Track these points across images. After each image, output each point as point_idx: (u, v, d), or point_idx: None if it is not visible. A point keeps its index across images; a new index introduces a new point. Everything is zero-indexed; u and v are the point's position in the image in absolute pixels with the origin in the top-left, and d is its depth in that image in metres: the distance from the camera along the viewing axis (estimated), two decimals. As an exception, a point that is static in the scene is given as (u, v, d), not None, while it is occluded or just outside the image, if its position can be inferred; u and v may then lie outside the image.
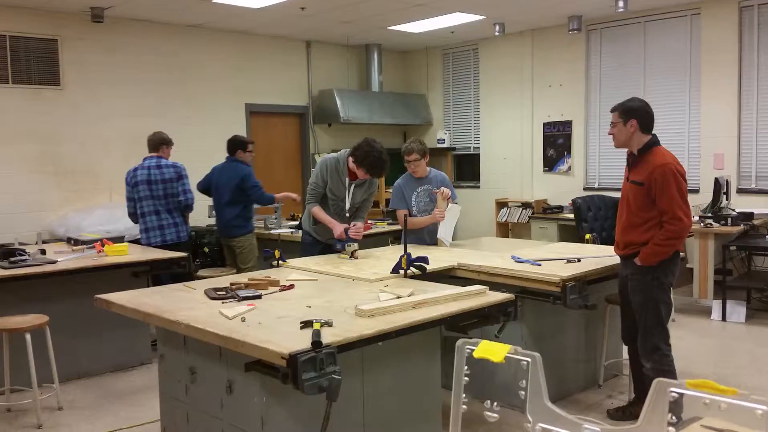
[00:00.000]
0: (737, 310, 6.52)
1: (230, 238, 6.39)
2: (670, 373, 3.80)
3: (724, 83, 7.79)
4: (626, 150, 3.99)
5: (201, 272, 6.54)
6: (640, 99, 3.96)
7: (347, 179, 4.87)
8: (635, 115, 3.82)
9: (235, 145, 6.48)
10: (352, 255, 4.58)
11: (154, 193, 5.88)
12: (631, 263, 3.87)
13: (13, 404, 4.51)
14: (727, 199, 7.08)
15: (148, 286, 4.77)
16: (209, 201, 7.52)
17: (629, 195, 3.88)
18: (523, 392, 1.59)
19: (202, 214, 7.63)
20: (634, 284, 3.87)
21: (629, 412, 4.14)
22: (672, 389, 1.36)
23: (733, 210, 6.97)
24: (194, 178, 6.96)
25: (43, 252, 5.25)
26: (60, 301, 4.93)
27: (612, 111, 3.96)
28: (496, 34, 9.02)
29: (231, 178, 6.31)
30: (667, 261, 3.79)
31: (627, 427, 1.46)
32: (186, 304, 3.27)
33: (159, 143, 6.07)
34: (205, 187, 6.71)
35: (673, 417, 1.36)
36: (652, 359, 3.83)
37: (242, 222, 6.38)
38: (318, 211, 4.91)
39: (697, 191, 8.02)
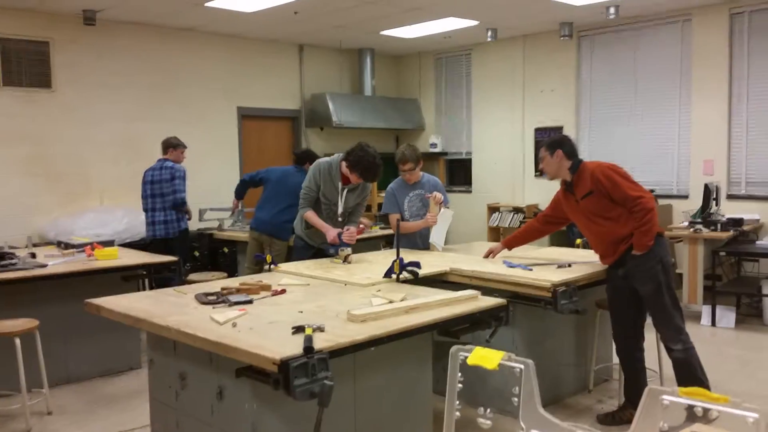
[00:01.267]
0: (727, 316, 6.55)
1: (271, 238, 6.23)
2: (695, 349, 3.95)
3: (714, 89, 7.84)
4: (559, 182, 4.32)
5: (191, 276, 6.51)
6: (563, 134, 4.31)
7: (340, 184, 4.87)
8: (559, 146, 4.16)
9: (307, 157, 6.42)
10: (346, 259, 4.58)
11: (154, 192, 6.61)
12: (630, 258, 3.95)
13: (1, 409, 4.48)
14: (716, 205, 7.11)
15: (140, 290, 4.75)
16: (201, 204, 7.53)
17: (588, 212, 4.08)
18: (516, 399, 1.59)
19: (193, 217, 7.61)
20: (642, 275, 3.93)
21: (619, 417, 4.16)
22: (664, 396, 1.36)
23: (723, 216, 7.00)
24: (189, 183, 6.95)
25: (33, 256, 5.21)
26: (50, 306, 4.90)
27: (540, 148, 4.34)
28: (489, 39, 9.05)
29: (298, 185, 6.28)
30: (658, 241, 3.94)
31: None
32: (176, 309, 3.25)
33: (166, 146, 6.76)
34: (252, 181, 6.62)
35: (665, 424, 1.36)
36: (680, 340, 3.92)
37: (290, 227, 6.36)
38: (311, 215, 4.90)
39: (686, 197, 8.08)
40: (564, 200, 4.29)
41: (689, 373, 3.89)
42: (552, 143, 4.20)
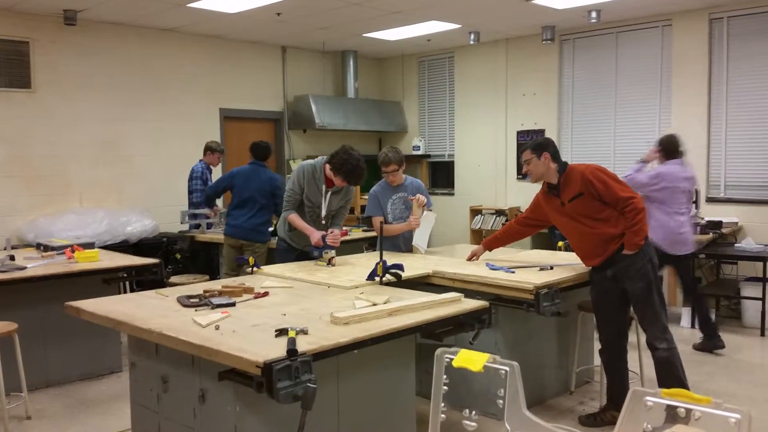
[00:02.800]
0: (706, 317, 6.61)
1: (250, 242, 6.16)
2: (677, 349, 4.00)
3: (694, 93, 7.93)
4: (541, 185, 4.32)
5: (173, 279, 6.47)
6: (546, 137, 4.25)
7: (324, 186, 4.86)
8: (546, 148, 4.16)
9: (266, 151, 6.37)
10: (330, 262, 4.57)
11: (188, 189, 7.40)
12: (620, 258, 3.97)
13: (-21, 413, 4.42)
14: (696, 208, 7.18)
15: (121, 293, 4.71)
16: (183, 207, 7.48)
17: (576, 213, 4.07)
18: (500, 401, 1.59)
19: (174, 218, 7.56)
20: (634, 274, 3.96)
21: (600, 419, 4.19)
22: (648, 398, 1.37)
23: (702, 219, 7.07)
24: (171, 184, 6.90)
25: (12, 258, 5.14)
26: (29, 308, 4.84)
27: (523, 151, 4.28)
28: (471, 42, 9.09)
29: (265, 183, 6.16)
30: (646, 241, 3.99)
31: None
32: (158, 311, 3.23)
33: (205, 150, 7.40)
34: (216, 193, 6.67)
35: (649, 425, 1.37)
36: (665, 339, 3.96)
37: (267, 228, 6.24)
38: (295, 218, 4.89)
39: (667, 200, 8.14)
40: (546, 203, 4.30)
41: (671, 372, 3.93)
42: (538, 145, 4.20)
